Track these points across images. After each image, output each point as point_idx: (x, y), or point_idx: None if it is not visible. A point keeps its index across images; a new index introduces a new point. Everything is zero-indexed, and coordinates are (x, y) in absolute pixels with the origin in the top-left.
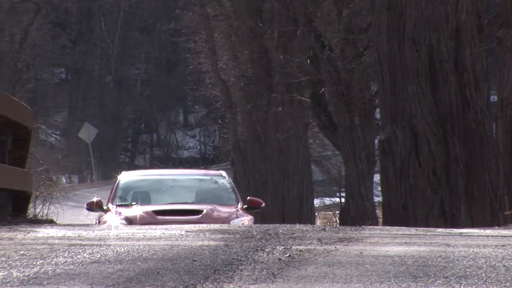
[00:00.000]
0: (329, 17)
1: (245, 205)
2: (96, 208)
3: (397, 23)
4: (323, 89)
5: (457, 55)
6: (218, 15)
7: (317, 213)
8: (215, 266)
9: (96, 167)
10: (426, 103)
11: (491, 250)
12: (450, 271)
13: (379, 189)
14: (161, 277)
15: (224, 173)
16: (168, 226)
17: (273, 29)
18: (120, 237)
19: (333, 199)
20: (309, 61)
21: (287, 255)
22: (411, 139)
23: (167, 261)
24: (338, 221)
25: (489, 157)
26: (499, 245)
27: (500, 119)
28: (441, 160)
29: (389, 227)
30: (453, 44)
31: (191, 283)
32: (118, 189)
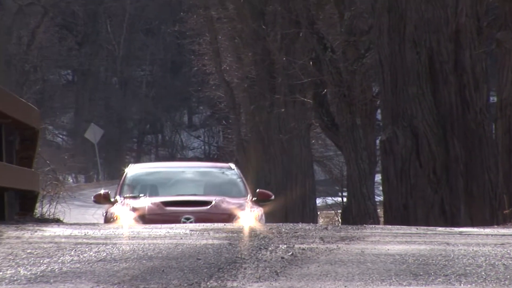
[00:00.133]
0: (331, 20)
1: (254, 197)
2: (103, 200)
3: (398, 26)
4: (325, 90)
5: (457, 57)
6: (222, 17)
7: (319, 212)
8: (219, 264)
9: (102, 167)
10: (426, 104)
11: (491, 248)
12: (450, 269)
13: (381, 188)
14: (166, 275)
15: (233, 166)
16: (172, 225)
17: (276, 32)
18: (125, 236)
19: (335, 199)
20: (311, 63)
21: (290, 254)
22: (411, 140)
23: (172, 260)
24: (340, 220)
25: (489, 157)
26: (498, 244)
27: (499, 120)
28: (441, 160)
29: (390, 226)
30: (453, 46)
31: (196, 281)
32: (125, 181)
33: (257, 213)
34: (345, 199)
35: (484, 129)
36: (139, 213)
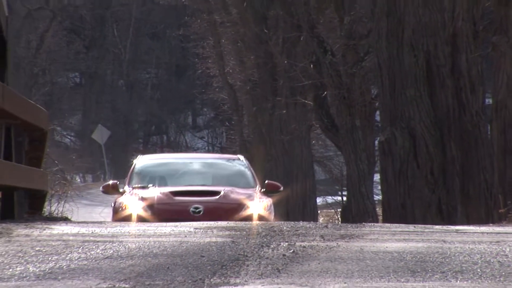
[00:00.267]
0: (331, 24)
1: (263, 188)
2: (112, 190)
3: (396, 30)
4: (325, 93)
5: (453, 60)
6: (225, 22)
7: (319, 211)
8: (223, 261)
9: (109, 167)
10: (424, 106)
11: (486, 246)
12: (446, 267)
13: (379, 188)
14: (171, 272)
15: (242, 157)
16: (177, 223)
17: (277, 35)
18: (131, 233)
19: (335, 198)
20: (312, 66)
21: (291, 251)
22: (409, 141)
23: (177, 257)
24: (340, 218)
25: (484, 158)
26: (493, 242)
27: (494, 121)
28: (438, 161)
29: (389, 225)
30: (449, 49)
31: (200, 278)
32: (134, 172)
33: (266, 203)
34: (344, 198)
35: (480, 131)
36: (148, 203)
